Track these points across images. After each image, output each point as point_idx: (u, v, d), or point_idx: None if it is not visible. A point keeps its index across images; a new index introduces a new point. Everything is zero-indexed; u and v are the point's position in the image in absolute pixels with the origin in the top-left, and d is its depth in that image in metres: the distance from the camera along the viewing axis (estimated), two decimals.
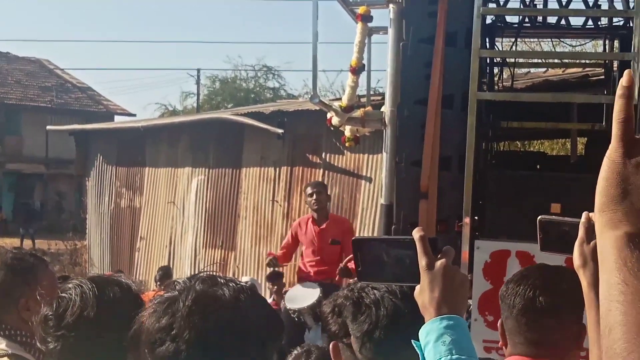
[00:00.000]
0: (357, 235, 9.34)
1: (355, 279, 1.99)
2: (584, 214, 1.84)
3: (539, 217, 1.91)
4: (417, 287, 1.81)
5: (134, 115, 42.58)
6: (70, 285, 2.26)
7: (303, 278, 8.69)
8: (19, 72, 43.46)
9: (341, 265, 8.28)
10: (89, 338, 2.15)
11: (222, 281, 1.60)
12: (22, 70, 43.76)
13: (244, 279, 12.19)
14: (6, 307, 2.84)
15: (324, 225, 8.58)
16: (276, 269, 9.34)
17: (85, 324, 2.16)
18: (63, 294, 2.23)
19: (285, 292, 10.08)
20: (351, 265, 8.24)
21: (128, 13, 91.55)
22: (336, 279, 8.29)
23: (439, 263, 1.79)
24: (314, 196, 8.63)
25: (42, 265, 2.96)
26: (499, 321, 2.63)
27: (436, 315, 1.76)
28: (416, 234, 1.83)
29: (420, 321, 1.81)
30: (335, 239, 8.53)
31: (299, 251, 9.27)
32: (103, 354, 2.13)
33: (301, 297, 8.26)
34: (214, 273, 1.65)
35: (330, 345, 2.33)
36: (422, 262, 1.80)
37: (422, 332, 1.77)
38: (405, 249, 1.84)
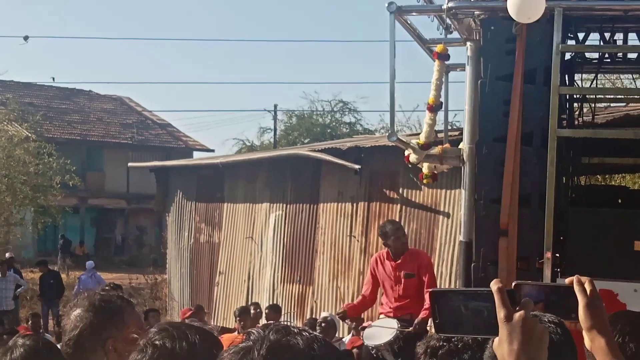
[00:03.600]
0: (434, 266, 9.29)
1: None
2: (575, 278, 1.99)
3: (514, 282, 1.93)
4: (496, 340, 1.81)
5: (213, 150, 43.13)
6: (159, 333, 2.31)
7: (383, 314, 8.67)
8: (101, 109, 44.46)
9: (416, 320, 8.25)
10: None
11: (295, 330, 1.62)
12: (104, 108, 44.76)
13: (323, 314, 12.22)
14: (93, 348, 2.88)
15: (399, 260, 8.56)
16: (347, 321, 9.33)
17: None
18: (155, 342, 2.29)
19: (363, 327, 10.09)
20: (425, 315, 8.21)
21: (205, 55, 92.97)
22: (413, 328, 8.25)
23: (517, 315, 1.79)
24: (401, 239, 8.62)
25: (129, 307, 3.00)
26: None
27: None
28: (494, 285, 1.83)
29: None
30: (409, 272, 8.49)
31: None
32: None
33: (379, 333, 8.25)
34: (288, 323, 1.68)
35: None
36: (501, 314, 1.80)
37: None
38: (483, 301, 1.85)
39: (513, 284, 1.91)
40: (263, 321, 12.15)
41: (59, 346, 3.43)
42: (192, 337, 2.27)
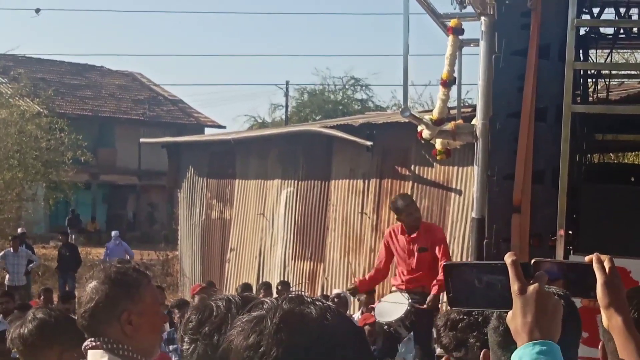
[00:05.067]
0: (447, 242, 9.28)
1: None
2: (594, 256, 1.99)
3: (534, 259, 1.91)
4: (510, 313, 1.81)
5: (224, 127, 43.03)
6: (221, 297, 2.33)
7: (395, 287, 8.69)
8: (113, 85, 44.43)
9: (429, 297, 8.26)
10: (218, 349, 2.19)
11: (308, 300, 1.61)
12: (116, 84, 44.74)
13: (335, 291, 12.24)
14: (109, 320, 2.89)
15: (414, 234, 8.54)
16: (358, 297, 9.47)
17: (219, 337, 2.21)
18: (212, 303, 2.30)
19: (372, 307, 10.09)
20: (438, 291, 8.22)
21: (218, 28, 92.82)
22: (426, 305, 8.27)
23: (531, 288, 1.78)
24: (414, 215, 8.58)
25: (145, 280, 3.00)
26: (600, 344, 2.57)
27: (529, 340, 1.75)
28: (508, 258, 1.82)
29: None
30: (423, 246, 8.49)
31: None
32: None
33: (390, 310, 8.26)
34: (301, 292, 1.66)
35: None
36: (515, 287, 1.79)
37: (515, 358, 1.76)
38: (496, 274, 1.84)
39: (532, 261, 1.89)
40: None
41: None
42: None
